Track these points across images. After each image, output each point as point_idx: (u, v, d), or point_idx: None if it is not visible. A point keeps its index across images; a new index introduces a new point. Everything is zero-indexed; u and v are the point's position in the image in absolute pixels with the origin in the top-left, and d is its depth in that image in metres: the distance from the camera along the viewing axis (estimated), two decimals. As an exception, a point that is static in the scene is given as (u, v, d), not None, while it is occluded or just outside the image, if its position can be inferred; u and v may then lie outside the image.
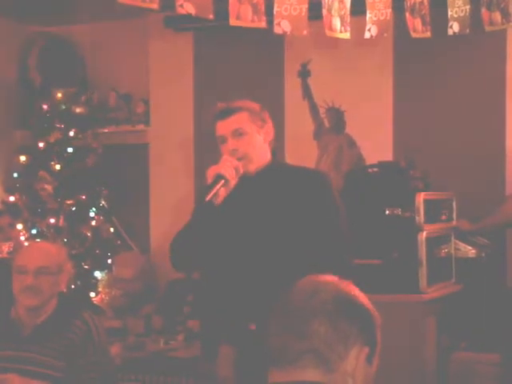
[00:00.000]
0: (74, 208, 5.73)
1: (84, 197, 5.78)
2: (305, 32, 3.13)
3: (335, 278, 1.56)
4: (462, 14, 3.59)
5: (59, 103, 5.86)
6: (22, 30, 6.26)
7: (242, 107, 2.87)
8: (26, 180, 5.79)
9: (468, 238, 4.79)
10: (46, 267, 3.06)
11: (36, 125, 5.90)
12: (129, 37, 6.28)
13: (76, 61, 6.30)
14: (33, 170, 5.78)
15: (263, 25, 3.04)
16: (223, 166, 2.77)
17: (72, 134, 5.85)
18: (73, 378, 3.03)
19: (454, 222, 4.68)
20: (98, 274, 5.74)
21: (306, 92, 5.06)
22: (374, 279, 4.04)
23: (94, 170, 5.87)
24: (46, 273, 3.06)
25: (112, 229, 5.95)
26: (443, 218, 4.55)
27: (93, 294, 5.65)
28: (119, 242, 6.00)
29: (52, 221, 5.67)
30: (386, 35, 3.54)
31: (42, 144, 5.79)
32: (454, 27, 3.59)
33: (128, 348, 4.85)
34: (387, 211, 4.30)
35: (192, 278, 5.34)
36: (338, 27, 3.28)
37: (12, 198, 5.81)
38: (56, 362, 3.02)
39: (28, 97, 6.17)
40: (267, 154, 2.92)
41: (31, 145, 5.88)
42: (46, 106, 5.84)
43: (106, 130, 6.20)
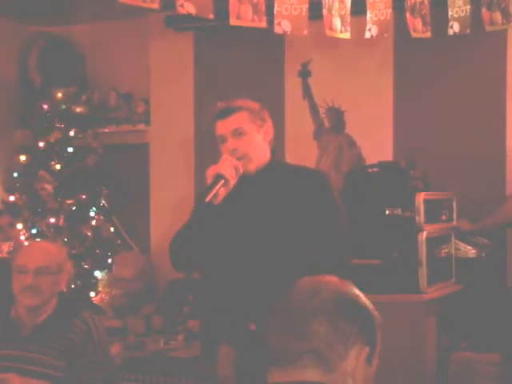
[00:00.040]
0: (74, 208, 5.73)
1: (84, 196, 5.77)
2: (305, 32, 3.13)
3: (335, 277, 1.56)
4: (462, 14, 3.59)
5: (59, 103, 5.86)
6: (22, 30, 6.26)
7: (241, 107, 2.86)
8: (26, 180, 5.79)
9: (468, 238, 4.78)
10: (46, 267, 3.06)
11: (36, 124, 5.90)
12: (129, 36, 6.27)
13: (76, 61, 6.30)
14: (33, 169, 5.78)
15: (263, 24, 3.04)
16: (223, 165, 2.76)
17: (72, 133, 5.85)
18: (73, 378, 3.03)
19: (454, 222, 4.68)
20: (98, 274, 5.73)
21: (307, 92, 5.05)
22: (374, 279, 4.04)
23: (94, 169, 5.87)
24: (46, 272, 3.05)
25: (112, 228, 5.94)
26: (443, 218, 4.55)
27: (93, 294, 5.65)
28: (119, 241, 6.00)
29: (52, 220, 5.67)
30: (386, 35, 3.54)
31: (42, 144, 5.79)
32: (455, 27, 3.59)
33: (128, 348, 4.85)
34: (387, 211, 4.30)
35: (192, 277, 5.33)
36: (339, 27, 3.28)
37: (12, 198, 5.81)
38: (56, 362, 3.02)
39: (28, 96, 6.17)
40: (267, 154, 2.92)
41: (31, 144, 5.88)
42: (46, 106, 5.84)
43: (107, 130, 6.20)
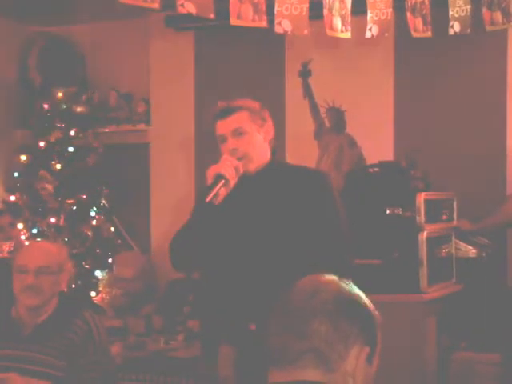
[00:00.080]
0: (74, 207, 5.73)
1: (85, 196, 5.77)
2: (305, 31, 3.13)
3: (335, 277, 1.56)
4: (462, 14, 3.59)
5: (60, 103, 5.86)
6: (22, 30, 6.26)
7: (242, 106, 2.86)
8: (27, 179, 5.79)
9: (469, 237, 4.78)
10: (46, 267, 3.06)
11: (36, 124, 5.89)
12: (129, 36, 6.27)
13: (76, 60, 6.30)
14: (33, 169, 5.78)
15: (264, 24, 3.04)
16: (223, 165, 2.76)
17: (73, 133, 5.85)
18: (73, 378, 3.03)
19: (455, 222, 4.68)
20: (98, 274, 5.73)
21: (307, 92, 5.05)
22: (374, 279, 4.04)
23: (94, 169, 5.87)
24: (47, 272, 3.05)
25: (112, 228, 5.94)
26: (444, 217, 4.54)
27: (93, 294, 5.65)
28: (120, 241, 6.00)
29: (53, 220, 5.66)
30: (386, 35, 3.54)
31: (42, 143, 5.79)
32: (455, 27, 3.59)
33: (128, 347, 4.85)
34: (388, 211, 4.30)
35: (192, 277, 5.34)
36: (339, 27, 3.28)
37: (13, 198, 5.80)
38: (56, 362, 3.02)
39: (28, 96, 6.17)
40: (267, 153, 2.92)
41: (32, 144, 5.88)
42: (46, 106, 5.84)
43: (107, 130, 6.20)
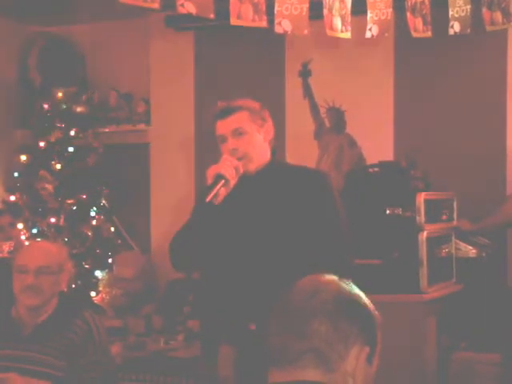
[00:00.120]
0: (74, 207, 5.73)
1: (85, 196, 5.77)
2: (305, 31, 3.13)
3: (335, 277, 1.56)
4: (462, 14, 3.59)
5: (60, 102, 5.86)
6: (22, 30, 6.26)
7: (242, 106, 2.86)
8: (27, 179, 5.79)
9: (469, 237, 4.78)
10: (46, 267, 3.06)
11: (36, 124, 5.89)
12: (129, 36, 6.27)
13: (76, 60, 6.30)
14: (33, 169, 5.78)
15: (264, 24, 3.04)
16: (223, 165, 2.76)
17: (73, 133, 5.85)
18: (73, 378, 3.03)
19: (455, 222, 4.68)
20: (98, 274, 5.73)
21: (307, 92, 5.05)
22: (374, 279, 4.04)
23: (94, 169, 5.87)
24: (47, 272, 3.05)
25: (113, 228, 5.94)
26: (444, 217, 4.54)
27: (93, 294, 5.65)
28: (120, 241, 6.00)
29: (53, 220, 5.66)
30: (386, 35, 3.54)
31: (42, 143, 5.79)
32: (455, 27, 3.59)
33: (128, 347, 4.85)
34: (388, 211, 4.30)
35: (192, 277, 5.34)
36: (339, 27, 3.28)
37: (13, 198, 5.80)
38: (56, 362, 3.02)
39: (28, 96, 6.17)
40: (267, 154, 2.92)
41: (32, 144, 5.88)
42: (46, 106, 5.84)
43: (107, 130, 6.20)
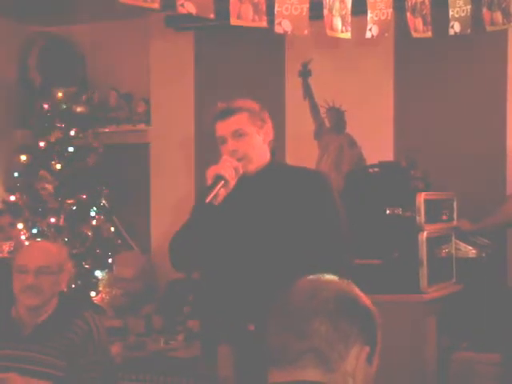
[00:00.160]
0: (74, 207, 5.73)
1: (85, 196, 5.77)
2: (306, 32, 3.13)
3: (335, 277, 1.56)
4: (463, 14, 3.59)
5: (60, 102, 5.86)
6: (22, 30, 6.26)
7: (241, 108, 2.86)
8: (27, 179, 5.79)
9: (468, 237, 4.78)
10: (46, 267, 3.05)
11: (36, 124, 5.89)
12: (129, 36, 6.27)
13: (76, 60, 6.30)
14: (33, 169, 5.78)
15: (264, 24, 3.04)
16: (223, 166, 2.76)
17: (73, 133, 5.85)
18: (73, 378, 3.03)
19: (455, 222, 4.68)
20: (98, 274, 5.74)
21: (307, 92, 5.05)
22: (374, 279, 4.04)
23: (94, 169, 5.87)
24: (47, 272, 3.05)
25: (112, 228, 5.94)
26: (444, 217, 4.54)
27: (93, 294, 5.65)
28: (120, 241, 6.00)
29: (53, 220, 5.67)
30: (386, 35, 3.54)
31: (42, 143, 5.79)
32: (455, 27, 3.59)
33: (128, 347, 4.85)
34: (388, 211, 4.30)
35: (192, 278, 5.34)
36: (339, 27, 3.28)
37: (13, 198, 5.81)
38: (57, 362, 3.02)
39: (28, 96, 6.17)
40: (267, 154, 2.92)
41: (32, 144, 5.88)
42: (46, 106, 5.84)
43: (107, 130, 6.20)
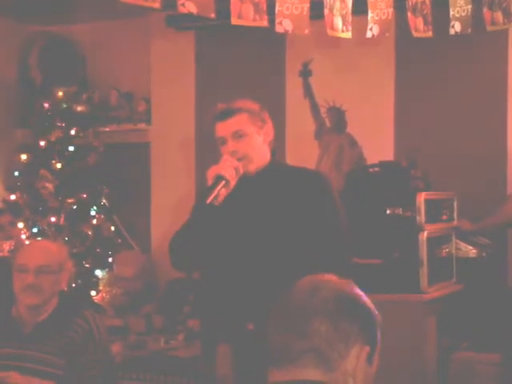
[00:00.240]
0: (74, 207, 5.73)
1: (85, 195, 5.78)
2: (306, 31, 3.13)
3: (335, 277, 1.56)
4: (463, 14, 3.59)
5: (60, 102, 5.86)
6: (22, 30, 6.26)
7: (241, 108, 2.86)
8: (27, 178, 5.79)
9: (469, 237, 4.78)
10: (46, 266, 3.06)
11: (37, 123, 5.90)
12: (130, 36, 6.27)
13: (77, 60, 6.30)
14: (34, 168, 5.78)
15: (265, 24, 3.04)
16: (223, 166, 2.77)
17: (73, 132, 5.85)
18: (74, 376, 3.03)
19: (455, 222, 4.68)
20: (98, 273, 5.74)
21: (308, 91, 5.05)
22: (374, 279, 4.04)
23: (95, 168, 5.87)
24: (47, 271, 3.05)
25: (113, 227, 5.95)
26: (444, 217, 4.54)
27: (94, 293, 5.65)
28: (120, 240, 6.00)
29: (53, 219, 5.67)
30: (387, 35, 3.54)
31: (42, 143, 5.79)
32: (456, 27, 3.59)
33: (129, 347, 4.85)
34: (388, 211, 4.30)
35: (192, 277, 5.33)
36: (340, 26, 3.28)
37: (13, 197, 5.81)
38: (57, 360, 3.02)
39: (29, 96, 6.17)
40: (267, 155, 2.92)
41: (32, 143, 5.88)
42: (46, 105, 5.84)
43: (108, 129, 6.20)
